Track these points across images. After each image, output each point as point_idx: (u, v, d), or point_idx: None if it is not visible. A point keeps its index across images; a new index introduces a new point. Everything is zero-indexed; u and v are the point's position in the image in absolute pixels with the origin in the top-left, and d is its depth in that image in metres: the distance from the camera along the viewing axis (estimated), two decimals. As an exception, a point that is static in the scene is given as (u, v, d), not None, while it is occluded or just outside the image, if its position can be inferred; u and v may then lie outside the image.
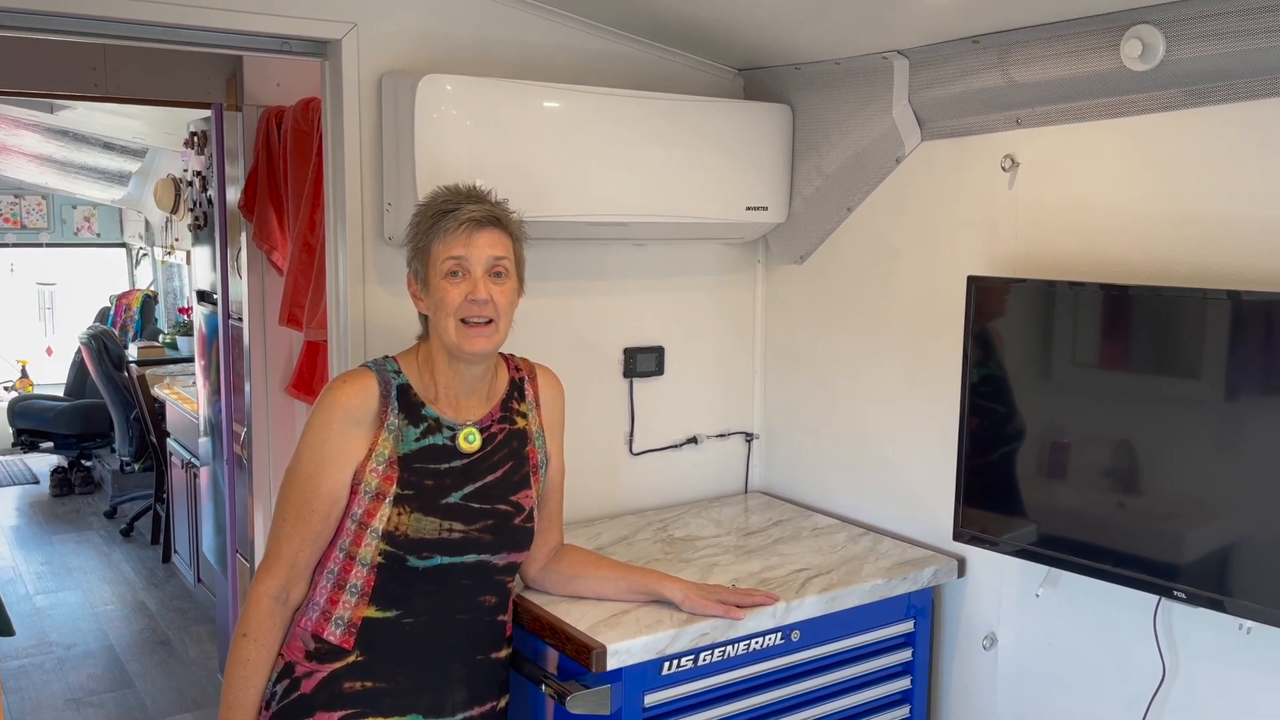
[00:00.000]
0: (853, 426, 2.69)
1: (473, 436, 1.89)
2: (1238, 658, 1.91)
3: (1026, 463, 2.12)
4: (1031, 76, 2.10)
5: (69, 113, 5.68)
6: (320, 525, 1.81)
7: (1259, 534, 1.77)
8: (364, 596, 1.82)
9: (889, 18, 2.19)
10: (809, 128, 2.64)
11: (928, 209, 2.45)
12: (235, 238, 3.86)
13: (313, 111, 3.24)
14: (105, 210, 8.34)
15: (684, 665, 2.01)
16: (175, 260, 7.30)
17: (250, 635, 1.82)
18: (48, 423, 7.00)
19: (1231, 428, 1.82)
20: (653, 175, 2.46)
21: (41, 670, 4.47)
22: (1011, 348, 2.15)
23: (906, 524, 2.54)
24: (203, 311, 4.46)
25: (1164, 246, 1.99)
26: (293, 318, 3.41)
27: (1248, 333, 1.77)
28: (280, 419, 3.77)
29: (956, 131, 2.35)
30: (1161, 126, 1.98)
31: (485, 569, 1.88)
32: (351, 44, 2.30)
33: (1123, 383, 1.98)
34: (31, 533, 6.41)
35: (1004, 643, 2.34)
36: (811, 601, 2.15)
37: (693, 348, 2.88)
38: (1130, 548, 1.94)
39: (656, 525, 2.64)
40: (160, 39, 2.21)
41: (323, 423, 1.81)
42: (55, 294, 8.55)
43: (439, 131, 2.19)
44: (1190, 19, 1.82)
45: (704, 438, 2.92)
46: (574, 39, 2.56)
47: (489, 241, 1.82)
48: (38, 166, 6.81)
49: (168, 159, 6.40)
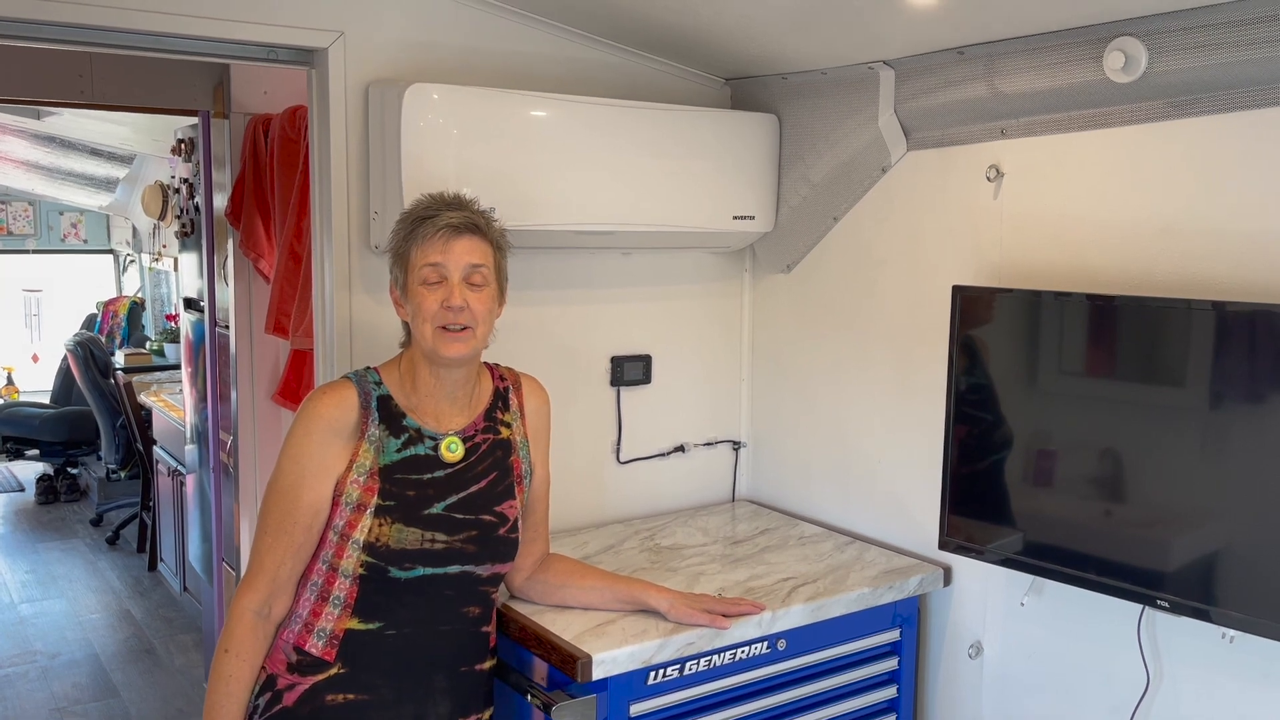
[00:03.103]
0: (839, 435, 2.69)
1: (455, 446, 1.88)
2: (1221, 667, 1.92)
3: (1012, 472, 2.12)
4: (1016, 87, 2.11)
5: (56, 119, 5.67)
6: (302, 537, 1.80)
7: (1242, 543, 1.78)
8: (347, 608, 1.81)
9: (875, 29, 2.20)
10: (796, 137, 2.65)
11: (913, 219, 2.46)
12: (222, 245, 3.85)
13: (300, 119, 3.24)
14: (92, 216, 8.31)
15: (670, 675, 2.01)
16: (162, 267, 7.27)
17: (232, 651, 1.81)
18: (33, 430, 6.96)
19: (1216, 437, 1.83)
20: (640, 184, 2.47)
21: (26, 679, 4.44)
22: (997, 357, 2.16)
23: (893, 533, 2.55)
24: (190, 319, 4.44)
25: (1147, 256, 2.00)
26: (279, 326, 3.40)
27: (1232, 342, 1.78)
28: (266, 427, 3.76)
29: (942, 142, 2.36)
30: (1145, 137, 1.99)
31: (469, 580, 1.88)
32: (338, 53, 2.29)
33: (1108, 392, 1.99)
34: (17, 541, 6.37)
35: (989, 651, 2.34)
36: (798, 610, 2.15)
37: (680, 356, 2.88)
38: (1115, 556, 1.95)
39: (643, 534, 2.64)
40: (148, 47, 2.20)
41: (302, 434, 1.81)
42: (42, 300, 8.51)
43: (425, 140, 2.19)
44: (1172, 31, 1.83)
45: (691, 446, 2.92)
46: (561, 48, 2.57)
47: (466, 249, 1.82)
48: (25, 172, 6.79)
49: (155, 165, 6.38)
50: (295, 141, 3.27)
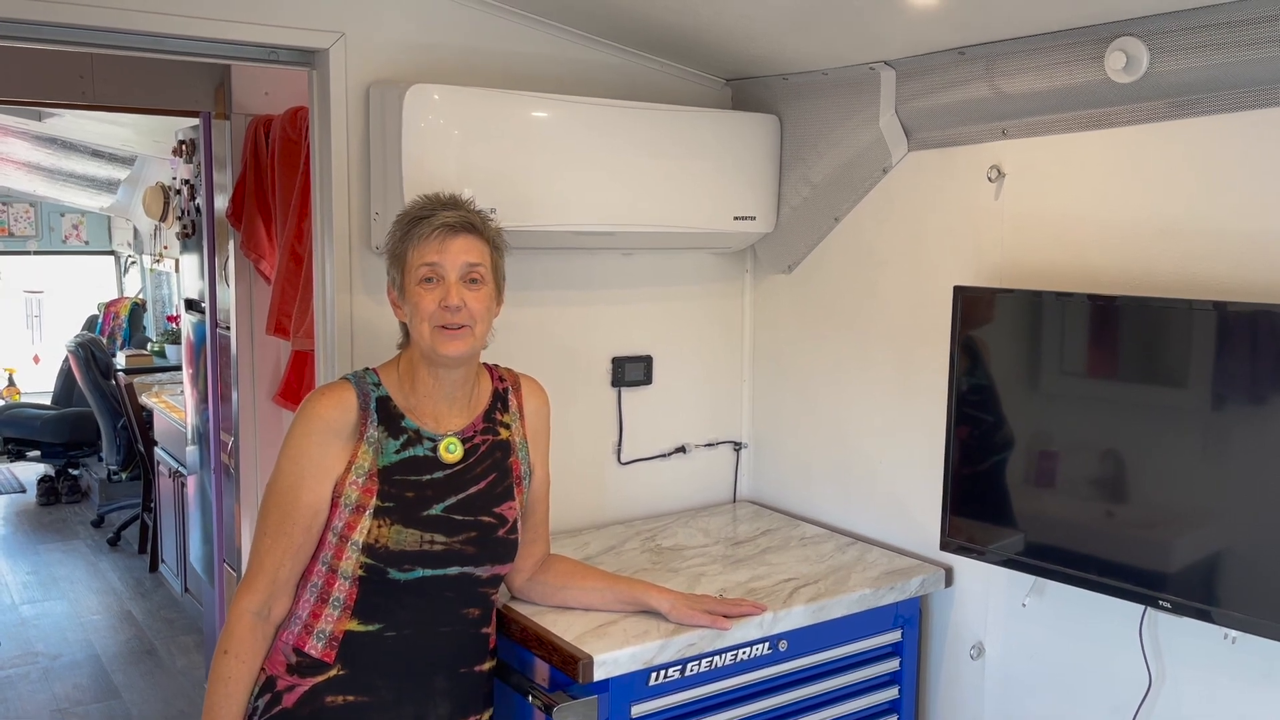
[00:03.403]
0: (841, 436, 2.69)
1: (454, 446, 1.88)
2: (1223, 667, 1.92)
3: (1013, 472, 2.12)
4: (1017, 88, 2.11)
5: (57, 120, 5.67)
6: (301, 539, 1.80)
7: (1244, 543, 1.77)
8: (346, 609, 1.81)
9: (876, 29, 2.20)
10: (797, 138, 2.65)
11: (914, 219, 2.46)
12: (223, 246, 3.85)
13: (300, 120, 3.24)
14: (93, 218, 8.32)
15: (671, 676, 2.01)
16: (164, 268, 7.28)
17: (232, 652, 1.80)
18: (35, 431, 6.96)
19: (1217, 437, 1.82)
20: (641, 185, 2.46)
21: (27, 680, 4.44)
22: (998, 358, 2.16)
23: (894, 533, 2.55)
24: (191, 320, 4.44)
25: (1148, 257, 2.00)
26: (280, 327, 3.40)
27: (1234, 343, 1.78)
28: (267, 428, 3.76)
29: (943, 142, 2.36)
30: (1146, 138, 1.99)
31: (468, 581, 1.87)
32: (339, 53, 2.29)
33: (1109, 392, 1.99)
34: (18, 542, 6.37)
35: (991, 652, 2.34)
36: (799, 611, 2.14)
37: (681, 357, 2.88)
38: (1116, 557, 1.94)
39: (644, 535, 2.64)
40: (149, 48, 2.21)
41: (301, 436, 1.81)
42: (43, 302, 8.51)
43: (426, 141, 2.19)
44: (1174, 31, 1.83)
45: (692, 447, 2.92)
46: (562, 49, 2.57)
47: (463, 248, 1.82)
48: (26, 174, 6.79)
49: (156, 167, 6.38)
50: (296, 142, 3.27)
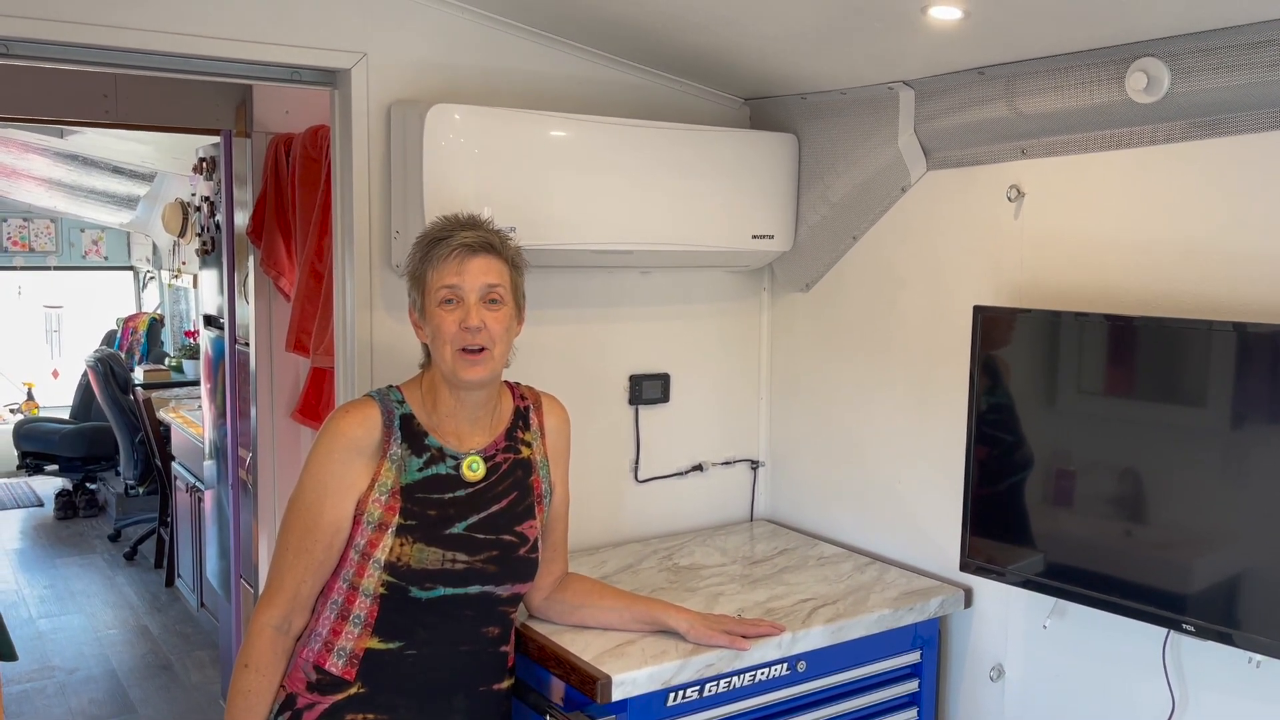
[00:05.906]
0: (859, 455, 2.69)
1: (476, 465, 1.89)
2: (1247, 691, 1.90)
3: (1033, 492, 2.11)
4: (1037, 108, 2.11)
5: (79, 137, 5.72)
6: (323, 555, 1.81)
7: (1266, 565, 1.76)
8: (367, 627, 1.81)
9: (895, 49, 2.20)
10: (815, 157, 2.65)
11: (933, 238, 2.46)
12: (243, 263, 3.87)
13: (321, 139, 3.26)
14: (113, 234, 8.39)
15: (690, 696, 2.00)
16: (182, 284, 7.33)
17: (252, 666, 1.81)
18: (53, 445, 7.00)
19: (1238, 458, 1.81)
20: (659, 204, 2.47)
21: (44, 695, 4.45)
22: (1017, 377, 2.15)
23: (913, 553, 2.53)
24: (209, 336, 4.47)
25: (1168, 277, 1.99)
26: (299, 344, 3.42)
27: (1253, 363, 1.77)
28: (285, 444, 3.77)
29: (962, 161, 2.36)
30: (1167, 158, 1.99)
31: (489, 600, 1.88)
32: (361, 73, 2.31)
33: (1129, 412, 1.98)
34: (35, 556, 6.41)
35: (1011, 674, 2.32)
36: (817, 632, 2.14)
37: (698, 375, 2.88)
38: (1138, 578, 1.93)
39: (662, 553, 2.64)
40: (173, 69, 2.23)
41: (325, 452, 1.82)
42: (62, 317, 8.57)
43: (447, 160, 2.21)
44: (1195, 52, 1.83)
45: (709, 465, 2.92)
46: (581, 69, 2.58)
47: (482, 268, 1.82)
48: (47, 190, 6.86)
49: (176, 183, 6.44)
50: (316, 161, 3.30)
